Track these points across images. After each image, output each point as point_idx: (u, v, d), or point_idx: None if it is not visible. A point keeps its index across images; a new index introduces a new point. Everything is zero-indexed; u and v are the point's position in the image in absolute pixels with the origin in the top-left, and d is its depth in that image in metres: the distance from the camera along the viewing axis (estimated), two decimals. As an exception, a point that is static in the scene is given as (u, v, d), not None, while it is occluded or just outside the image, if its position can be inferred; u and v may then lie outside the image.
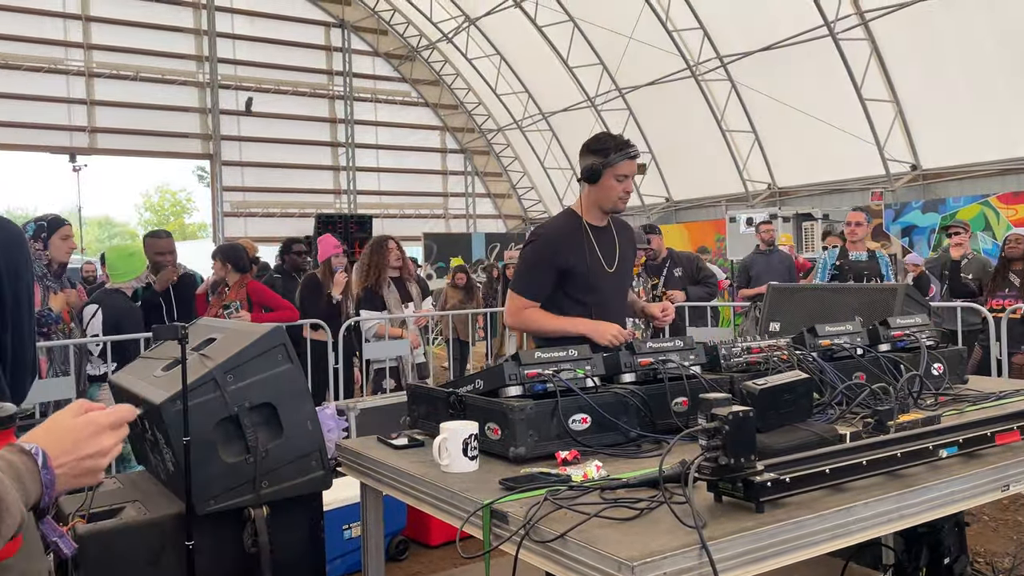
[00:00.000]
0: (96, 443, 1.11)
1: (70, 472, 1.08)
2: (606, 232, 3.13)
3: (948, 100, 12.01)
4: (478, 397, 2.11)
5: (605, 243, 3.10)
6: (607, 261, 3.08)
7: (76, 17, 16.90)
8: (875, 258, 6.42)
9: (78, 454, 1.09)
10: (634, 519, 1.53)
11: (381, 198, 20.41)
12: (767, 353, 2.46)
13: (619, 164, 2.98)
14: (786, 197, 15.20)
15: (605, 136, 3.10)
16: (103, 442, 1.12)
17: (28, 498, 1.01)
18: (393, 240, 5.75)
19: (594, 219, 3.10)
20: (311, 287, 5.95)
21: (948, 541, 2.39)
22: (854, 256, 6.39)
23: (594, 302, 3.03)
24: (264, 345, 2.23)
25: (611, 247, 3.11)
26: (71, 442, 1.09)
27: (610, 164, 2.98)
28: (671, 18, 14.81)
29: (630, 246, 3.29)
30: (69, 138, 17.13)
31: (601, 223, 3.12)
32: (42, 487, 1.03)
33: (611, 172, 2.98)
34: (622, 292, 3.20)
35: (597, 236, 3.08)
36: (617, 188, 3.01)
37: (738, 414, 1.52)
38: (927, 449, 1.83)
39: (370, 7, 20.10)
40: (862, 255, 6.39)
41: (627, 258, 3.23)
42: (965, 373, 2.84)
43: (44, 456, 1.04)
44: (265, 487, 2.19)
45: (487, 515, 1.66)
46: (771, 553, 1.49)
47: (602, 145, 3.02)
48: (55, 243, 4.37)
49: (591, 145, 3.05)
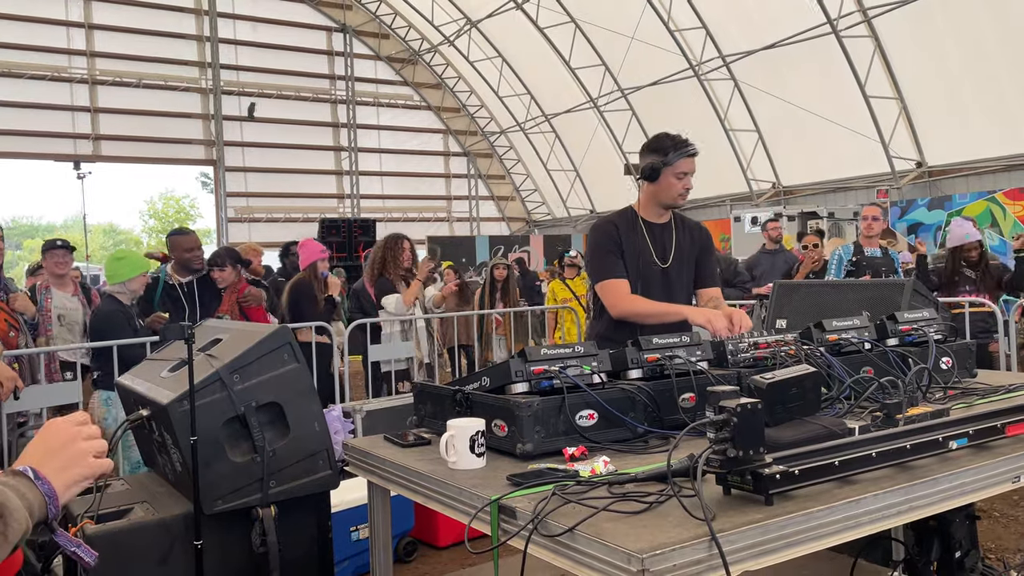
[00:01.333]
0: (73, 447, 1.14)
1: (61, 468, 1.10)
2: (664, 228, 3.20)
3: (953, 96, 11.98)
4: (485, 394, 2.11)
5: (661, 238, 3.17)
6: (659, 256, 3.14)
7: (79, 25, 16.96)
8: (888, 254, 6.34)
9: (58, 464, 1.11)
10: (643, 512, 1.52)
11: (384, 202, 20.43)
12: (774, 348, 2.45)
13: (679, 162, 3.09)
14: (791, 196, 15.17)
15: (664, 136, 3.20)
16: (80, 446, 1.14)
17: (32, 509, 1.03)
18: (408, 241, 5.78)
19: (651, 215, 3.19)
20: (303, 292, 5.92)
21: (959, 535, 2.38)
22: (869, 252, 6.29)
23: (642, 295, 3.07)
24: (270, 344, 2.23)
25: (667, 243, 3.18)
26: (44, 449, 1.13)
27: (669, 163, 3.09)
28: (673, 18, 14.80)
29: (694, 245, 3.28)
30: (73, 146, 17.19)
31: (659, 219, 3.20)
32: (43, 497, 1.05)
33: (670, 171, 3.10)
34: (674, 288, 3.18)
35: (651, 231, 3.17)
36: (677, 185, 3.11)
37: (746, 406, 1.52)
38: (937, 441, 1.82)
39: (371, 11, 20.14)
40: (876, 251, 6.30)
41: (685, 256, 3.22)
42: (974, 367, 2.82)
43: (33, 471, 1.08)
44: (273, 487, 2.19)
45: (495, 511, 1.66)
46: (781, 545, 1.48)
47: (661, 144, 3.14)
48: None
49: (651, 145, 3.17)
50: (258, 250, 7.22)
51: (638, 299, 3.07)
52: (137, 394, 2.41)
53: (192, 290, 4.97)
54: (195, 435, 2.03)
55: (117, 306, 4.51)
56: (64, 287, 5.10)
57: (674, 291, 3.18)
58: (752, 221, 11.81)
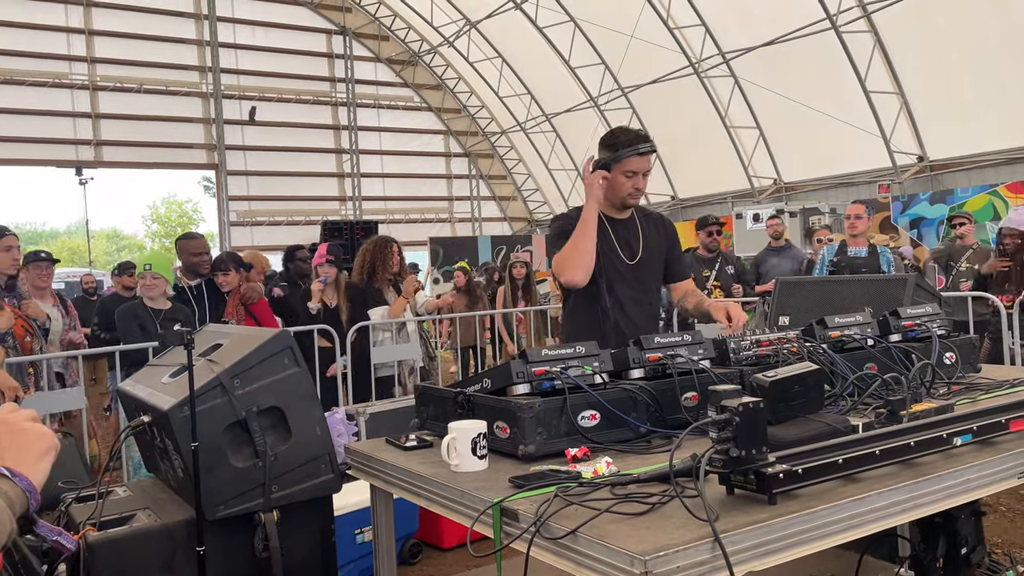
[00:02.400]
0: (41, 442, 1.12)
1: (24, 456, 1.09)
2: (627, 224, 3.09)
3: (953, 90, 11.95)
4: (486, 396, 2.10)
5: (625, 235, 3.06)
6: (626, 253, 3.04)
7: (79, 31, 16.99)
8: (875, 253, 6.17)
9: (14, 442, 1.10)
10: (646, 514, 1.51)
11: (386, 203, 20.43)
12: (777, 346, 2.44)
13: (626, 160, 2.94)
14: (792, 192, 15.15)
15: (619, 130, 3.07)
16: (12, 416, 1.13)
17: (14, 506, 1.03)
18: (397, 244, 5.75)
19: (611, 211, 3.07)
20: (306, 297, 5.96)
21: (965, 531, 2.36)
22: (852, 252, 6.17)
23: (613, 292, 2.99)
24: (271, 349, 2.22)
25: (632, 238, 3.07)
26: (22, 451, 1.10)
27: (617, 160, 2.95)
28: (672, 16, 14.78)
29: (662, 238, 3.18)
30: (75, 152, 17.22)
31: (620, 215, 3.09)
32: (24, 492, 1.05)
33: (619, 168, 2.95)
34: (644, 284, 3.09)
35: (614, 227, 3.05)
36: (626, 184, 2.97)
37: (748, 405, 1.51)
38: (941, 437, 1.81)
39: (371, 13, 20.15)
40: (861, 250, 6.15)
41: (652, 251, 3.12)
42: (978, 362, 2.81)
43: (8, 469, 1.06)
44: (275, 491, 2.18)
45: (497, 513, 1.65)
46: (785, 545, 1.47)
47: (613, 139, 3.00)
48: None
49: (604, 139, 3.04)
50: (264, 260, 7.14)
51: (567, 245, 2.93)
52: (138, 400, 2.40)
53: (201, 292, 5.02)
54: (196, 441, 2.02)
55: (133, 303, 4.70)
56: (45, 298, 5.12)
57: (643, 287, 3.09)
58: (754, 218, 11.79)
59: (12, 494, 1.03)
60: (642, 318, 3.06)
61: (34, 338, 4.53)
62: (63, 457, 3.39)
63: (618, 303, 3.01)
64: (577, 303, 3.08)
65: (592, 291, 2.99)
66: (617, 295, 3.01)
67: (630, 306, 3.03)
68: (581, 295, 3.03)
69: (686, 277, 3.28)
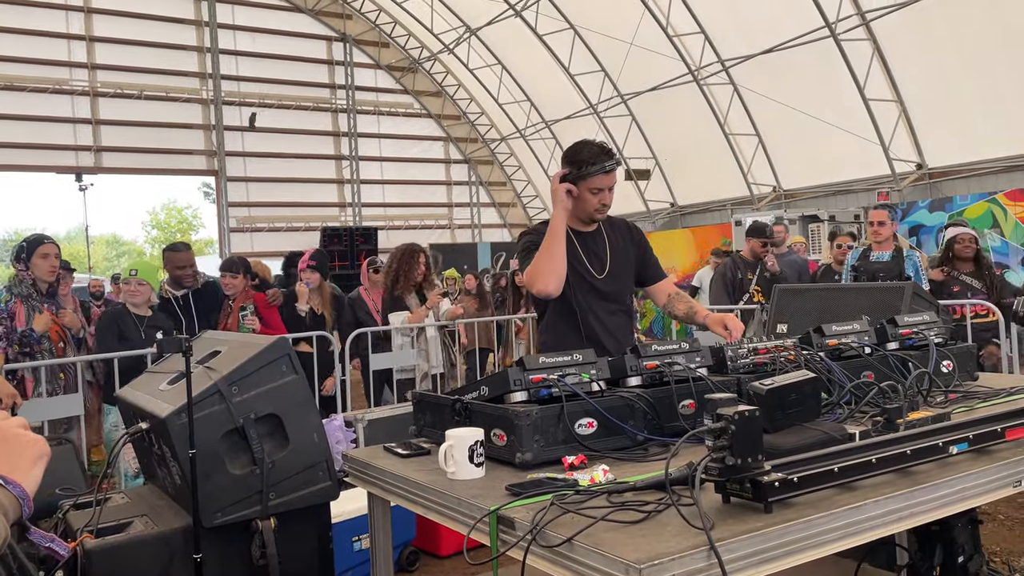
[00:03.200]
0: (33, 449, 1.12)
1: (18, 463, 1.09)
2: (595, 236, 3.06)
3: (952, 98, 11.97)
4: (483, 403, 2.10)
5: (593, 247, 3.03)
6: (595, 266, 3.00)
7: (80, 38, 17.03)
8: (900, 258, 6.16)
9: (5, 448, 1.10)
10: (641, 522, 1.52)
11: (386, 210, 20.45)
12: (774, 354, 2.45)
13: (591, 178, 2.90)
14: (791, 199, 15.17)
15: (582, 145, 2.98)
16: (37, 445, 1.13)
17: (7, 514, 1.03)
18: (424, 254, 5.80)
19: (577, 224, 3.03)
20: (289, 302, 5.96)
21: (962, 539, 2.36)
22: (875, 256, 6.18)
23: (584, 304, 2.96)
24: (268, 356, 2.23)
25: (601, 251, 3.04)
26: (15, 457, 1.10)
27: (582, 177, 2.90)
28: (671, 23, 14.83)
29: (631, 246, 3.14)
30: (75, 158, 17.24)
31: (587, 228, 3.05)
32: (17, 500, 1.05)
33: (584, 185, 2.91)
34: (613, 296, 3.05)
35: (581, 241, 3.01)
36: (592, 201, 2.93)
37: (744, 413, 1.51)
38: (937, 446, 1.81)
39: (371, 20, 20.20)
40: (884, 255, 6.16)
41: (621, 262, 3.07)
42: (976, 370, 2.82)
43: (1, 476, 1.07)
44: (272, 498, 2.18)
45: (494, 521, 1.65)
46: (781, 553, 1.47)
47: (577, 156, 2.94)
48: (36, 262, 4.43)
49: (568, 154, 2.98)
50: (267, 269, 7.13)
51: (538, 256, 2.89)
52: (136, 407, 2.40)
53: (188, 302, 5.03)
54: (193, 448, 2.02)
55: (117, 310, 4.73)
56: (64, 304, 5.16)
57: (615, 299, 3.05)
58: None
59: (5, 501, 1.03)
60: (618, 327, 3.04)
61: (68, 345, 4.61)
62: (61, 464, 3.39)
63: (593, 315, 2.99)
64: (552, 316, 3.04)
65: (565, 305, 2.97)
66: (591, 307, 2.98)
67: (605, 317, 3.01)
68: (556, 309, 3.00)
69: (662, 277, 3.24)
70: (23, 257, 4.47)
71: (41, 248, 4.50)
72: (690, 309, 3.15)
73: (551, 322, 3.06)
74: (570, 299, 2.95)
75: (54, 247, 4.58)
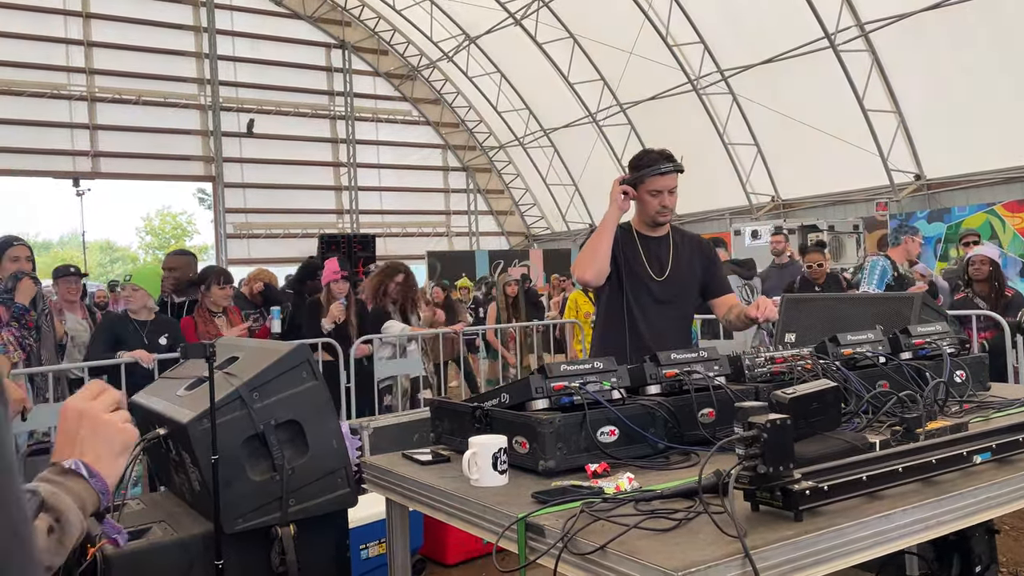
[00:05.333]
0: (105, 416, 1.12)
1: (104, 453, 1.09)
2: (660, 241, 3.19)
3: (950, 109, 12.04)
4: (505, 411, 2.10)
5: (656, 251, 3.17)
6: (655, 269, 3.14)
7: (78, 43, 17.02)
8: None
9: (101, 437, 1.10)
10: (673, 530, 1.52)
11: (384, 217, 20.46)
12: (791, 363, 2.45)
13: (648, 180, 3.07)
14: (790, 209, 15.22)
15: (643, 152, 3.19)
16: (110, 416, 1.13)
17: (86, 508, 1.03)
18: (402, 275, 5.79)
19: (644, 229, 3.19)
20: (313, 312, 5.94)
21: (979, 549, 2.37)
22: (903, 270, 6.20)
23: (636, 304, 3.09)
24: (289, 362, 2.23)
25: (664, 256, 3.17)
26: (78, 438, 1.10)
27: (640, 180, 3.08)
28: (671, 33, 14.89)
29: (698, 259, 3.26)
30: (72, 163, 17.21)
31: (654, 233, 3.19)
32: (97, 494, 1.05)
33: (643, 187, 3.08)
34: (671, 302, 3.17)
35: (646, 244, 3.16)
36: (652, 203, 3.10)
37: (776, 422, 1.52)
38: (961, 455, 1.82)
39: (370, 28, 20.24)
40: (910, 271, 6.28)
41: (686, 269, 3.20)
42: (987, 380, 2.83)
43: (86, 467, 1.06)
44: (292, 505, 2.18)
45: (522, 528, 1.65)
46: (813, 562, 1.47)
47: (637, 160, 3.14)
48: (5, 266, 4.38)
49: (632, 161, 3.18)
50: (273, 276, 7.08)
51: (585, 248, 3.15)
52: (154, 413, 2.40)
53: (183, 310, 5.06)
54: (216, 453, 2.02)
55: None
56: (75, 310, 5.22)
57: (670, 304, 3.16)
58: (752, 235, 11.82)
59: (85, 495, 1.03)
60: (669, 332, 3.13)
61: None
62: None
63: (644, 316, 3.11)
64: (604, 312, 3.22)
65: (617, 302, 3.12)
66: (643, 308, 3.10)
67: (657, 319, 3.12)
68: (608, 306, 3.16)
69: (725, 292, 3.35)
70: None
71: (11, 251, 4.40)
72: (740, 312, 3.22)
73: (600, 317, 3.26)
74: (621, 298, 3.09)
75: (25, 249, 4.49)
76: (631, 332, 3.07)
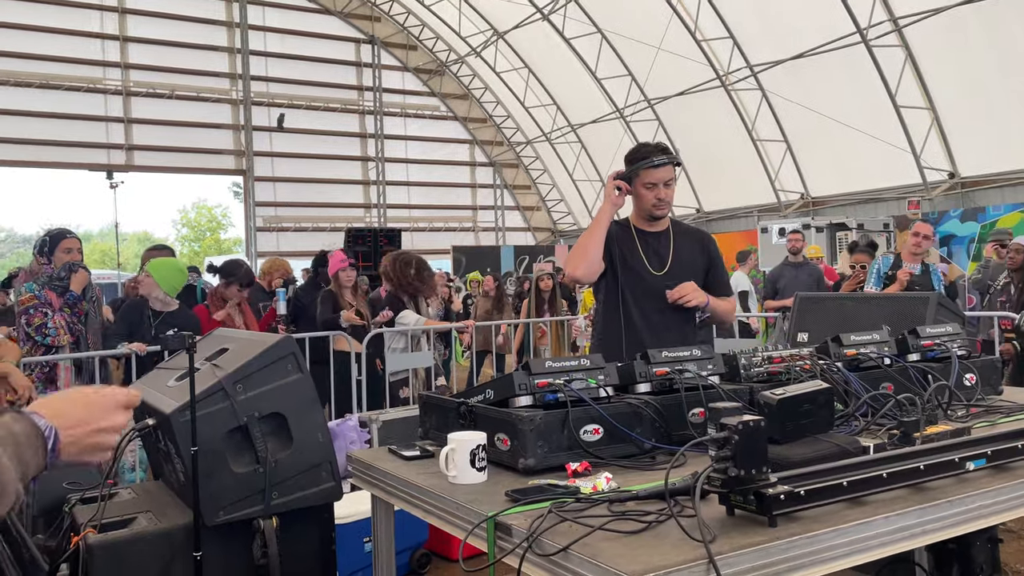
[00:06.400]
0: (111, 417, 1.12)
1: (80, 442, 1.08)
2: (659, 237, 3.14)
3: (986, 105, 11.75)
4: (488, 407, 2.07)
5: (655, 246, 3.11)
6: (654, 264, 3.08)
7: (114, 38, 17.29)
8: (928, 272, 6.09)
9: (93, 426, 1.10)
10: (640, 532, 1.47)
11: (411, 212, 20.53)
12: (789, 363, 2.38)
13: (643, 173, 3.01)
14: (819, 207, 14.98)
15: (640, 145, 3.16)
16: (116, 418, 1.13)
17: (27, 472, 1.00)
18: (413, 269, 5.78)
19: (642, 224, 3.13)
20: (328, 302, 5.97)
21: (980, 558, 2.29)
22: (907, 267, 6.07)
23: (633, 301, 3.04)
24: (273, 355, 2.21)
25: (663, 251, 3.11)
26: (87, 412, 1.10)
27: (635, 173, 3.02)
28: (700, 28, 14.72)
29: (699, 255, 3.19)
30: (107, 156, 17.49)
31: (652, 228, 3.13)
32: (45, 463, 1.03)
33: (639, 181, 3.03)
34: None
35: (644, 239, 3.11)
36: (648, 196, 3.04)
37: (748, 423, 1.46)
38: (953, 461, 1.75)
39: (399, 23, 20.29)
40: (916, 267, 6.09)
41: (686, 265, 3.13)
42: (999, 384, 2.73)
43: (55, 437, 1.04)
44: (275, 498, 2.17)
45: (491, 527, 1.62)
46: (783, 569, 1.42)
47: (632, 155, 3.09)
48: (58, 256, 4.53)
49: (627, 155, 3.12)
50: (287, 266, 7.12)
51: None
52: (144, 403, 2.40)
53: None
54: (195, 445, 2.01)
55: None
56: None
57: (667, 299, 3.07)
58: (779, 232, 11.65)
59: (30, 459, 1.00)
60: (668, 328, 3.05)
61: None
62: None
63: (641, 312, 3.05)
64: (602, 310, 3.18)
65: (614, 299, 3.07)
66: (641, 304, 3.05)
67: (655, 316, 3.05)
68: (606, 303, 3.12)
69: (728, 295, 3.27)
70: (46, 251, 4.53)
71: (64, 242, 4.56)
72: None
73: (599, 314, 3.23)
74: (618, 295, 3.05)
75: (76, 241, 4.64)
76: (627, 329, 3.01)
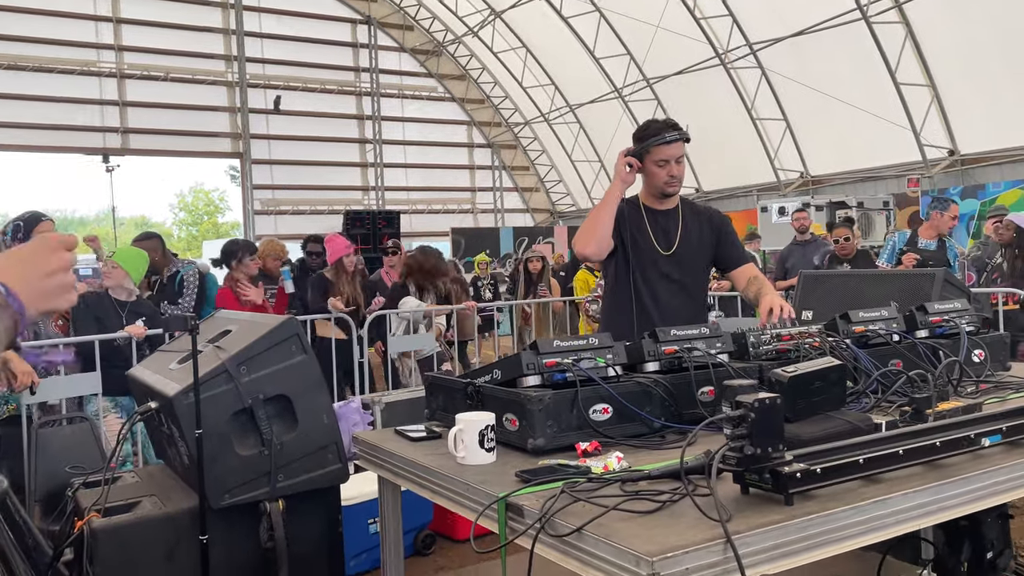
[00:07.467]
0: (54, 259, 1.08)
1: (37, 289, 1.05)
2: (668, 215, 3.12)
3: (986, 82, 11.67)
4: (496, 387, 2.05)
5: (664, 225, 3.09)
6: (662, 242, 3.07)
7: (107, 20, 17.10)
8: (944, 247, 6.11)
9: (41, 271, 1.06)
10: (655, 512, 1.46)
11: (409, 194, 20.43)
12: (798, 340, 2.36)
13: (655, 149, 2.99)
14: (819, 186, 14.92)
15: (649, 122, 3.16)
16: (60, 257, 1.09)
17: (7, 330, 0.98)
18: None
19: (652, 202, 3.12)
20: (319, 288, 5.92)
21: (991, 534, 2.28)
22: (923, 244, 6.10)
23: (643, 280, 3.03)
24: (277, 336, 2.19)
25: (671, 229, 3.09)
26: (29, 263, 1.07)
27: (646, 150, 3.00)
28: (699, 5, 14.59)
29: (709, 232, 3.16)
30: (102, 139, 17.35)
31: (661, 206, 3.11)
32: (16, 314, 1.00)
33: (649, 158, 3.01)
34: (677, 274, 3.09)
35: (653, 217, 3.09)
36: (659, 173, 3.02)
37: (764, 401, 1.44)
38: (968, 438, 1.73)
39: (395, 3, 20.10)
40: (931, 243, 6.10)
41: (693, 243, 3.11)
42: (1009, 359, 2.71)
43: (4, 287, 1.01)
44: (281, 480, 2.15)
45: (502, 508, 1.60)
46: (801, 547, 1.41)
47: (642, 132, 3.07)
48: None
49: (636, 131, 3.10)
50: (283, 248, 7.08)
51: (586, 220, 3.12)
52: (146, 386, 2.38)
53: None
54: (200, 428, 1.99)
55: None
56: None
57: (679, 280, 3.08)
58: (779, 211, 11.59)
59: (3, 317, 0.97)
60: (678, 307, 3.05)
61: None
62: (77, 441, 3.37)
63: (651, 291, 3.05)
64: (611, 289, 3.17)
65: (624, 278, 3.06)
66: (650, 283, 3.04)
67: (664, 295, 3.05)
68: (615, 282, 3.11)
69: (743, 263, 3.23)
70: (20, 236, 4.23)
71: (40, 226, 4.36)
72: (758, 291, 3.08)
73: (607, 292, 3.22)
74: (627, 273, 3.04)
75: (51, 224, 4.43)
76: (638, 308, 3.01)
